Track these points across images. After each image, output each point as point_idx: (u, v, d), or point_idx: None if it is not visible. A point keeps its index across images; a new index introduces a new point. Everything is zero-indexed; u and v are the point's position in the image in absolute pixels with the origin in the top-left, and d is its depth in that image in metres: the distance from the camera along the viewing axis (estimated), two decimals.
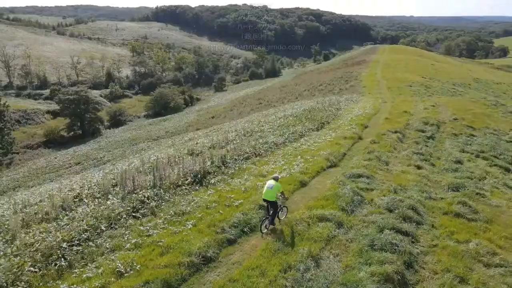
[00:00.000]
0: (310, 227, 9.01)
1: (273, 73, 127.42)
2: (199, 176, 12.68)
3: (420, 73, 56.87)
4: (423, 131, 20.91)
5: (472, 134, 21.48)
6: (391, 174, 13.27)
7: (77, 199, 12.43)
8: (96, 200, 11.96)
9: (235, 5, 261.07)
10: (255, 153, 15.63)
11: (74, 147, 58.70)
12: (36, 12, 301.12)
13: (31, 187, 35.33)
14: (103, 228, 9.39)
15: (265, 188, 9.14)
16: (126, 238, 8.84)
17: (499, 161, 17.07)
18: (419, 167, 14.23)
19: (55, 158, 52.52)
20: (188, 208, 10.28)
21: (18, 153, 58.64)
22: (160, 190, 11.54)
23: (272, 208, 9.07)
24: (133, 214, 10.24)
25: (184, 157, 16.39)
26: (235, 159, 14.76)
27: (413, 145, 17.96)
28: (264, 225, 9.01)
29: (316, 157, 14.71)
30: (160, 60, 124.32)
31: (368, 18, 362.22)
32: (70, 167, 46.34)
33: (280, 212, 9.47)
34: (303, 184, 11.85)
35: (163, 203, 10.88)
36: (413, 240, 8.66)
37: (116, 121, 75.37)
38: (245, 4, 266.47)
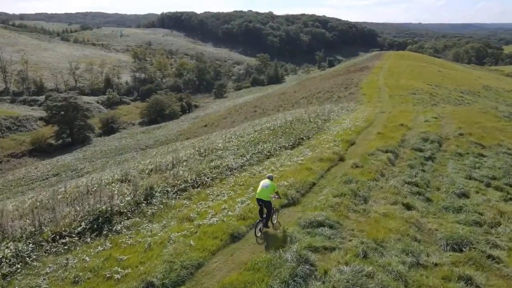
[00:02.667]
0: None
1: (276, 79, 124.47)
2: (100, 219, 9.21)
3: (425, 80, 53.01)
4: (421, 150, 17.18)
5: (481, 153, 17.67)
6: (368, 219, 9.60)
7: None
8: None
9: (241, 11, 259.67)
10: (197, 181, 12.10)
11: (58, 156, 55.88)
12: (45, 19, 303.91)
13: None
14: None
15: (259, 187, 8.62)
16: None
17: None
18: (408, 206, 10.52)
19: (36, 168, 49.68)
20: (45, 283, 6.79)
21: (1, 162, 56.11)
22: (28, 245, 8.09)
23: (266, 209, 8.60)
24: None
25: (112, 185, 12.97)
26: (167, 191, 11.25)
27: (406, 170, 14.28)
28: (258, 228, 8.49)
29: None
30: (161, 66, 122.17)
31: (375, 25, 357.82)
32: (47, 178, 43.42)
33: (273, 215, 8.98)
34: (234, 239, 8.25)
35: (21, 269, 7.43)
36: None
37: (109, 128, 72.89)
38: (250, 11, 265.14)
